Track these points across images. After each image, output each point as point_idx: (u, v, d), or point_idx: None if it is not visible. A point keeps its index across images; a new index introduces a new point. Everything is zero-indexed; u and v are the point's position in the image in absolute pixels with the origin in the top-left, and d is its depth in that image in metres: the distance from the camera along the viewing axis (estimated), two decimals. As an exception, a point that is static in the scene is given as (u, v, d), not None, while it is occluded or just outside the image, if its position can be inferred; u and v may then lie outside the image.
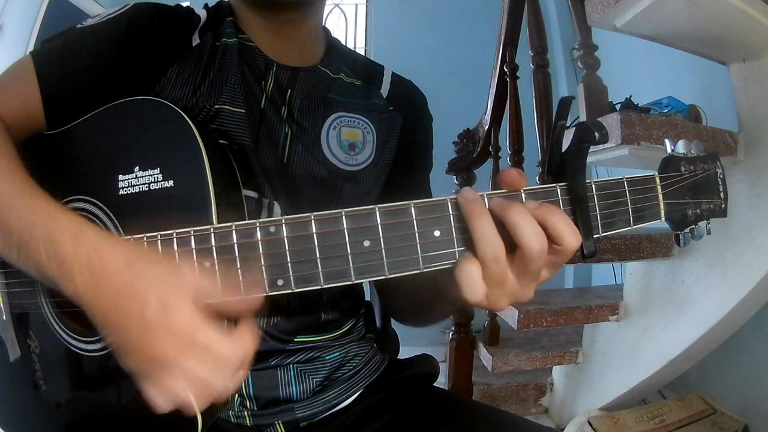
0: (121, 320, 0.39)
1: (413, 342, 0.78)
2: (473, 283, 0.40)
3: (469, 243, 0.41)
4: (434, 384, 0.74)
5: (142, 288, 0.38)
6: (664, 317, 1.40)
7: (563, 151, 0.44)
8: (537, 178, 1.49)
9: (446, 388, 1.65)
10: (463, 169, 1.96)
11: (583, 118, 1.27)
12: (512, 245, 0.40)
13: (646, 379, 1.45)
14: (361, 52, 2.98)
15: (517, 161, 1.66)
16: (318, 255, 0.40)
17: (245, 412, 0.61)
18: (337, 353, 0.67)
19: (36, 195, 0.45)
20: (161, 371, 0.39)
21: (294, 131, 0.64)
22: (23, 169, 0.48)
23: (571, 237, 0.40)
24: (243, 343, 0.40)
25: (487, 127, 1.87)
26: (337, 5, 3.38)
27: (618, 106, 1.32)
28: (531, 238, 0.39)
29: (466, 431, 0.61)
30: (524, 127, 1.69)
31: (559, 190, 0.43)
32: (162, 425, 0.49)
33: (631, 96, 1.39)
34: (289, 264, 0.40)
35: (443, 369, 1.41)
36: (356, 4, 3.42)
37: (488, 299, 0.41)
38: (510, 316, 1.52)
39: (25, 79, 0.56)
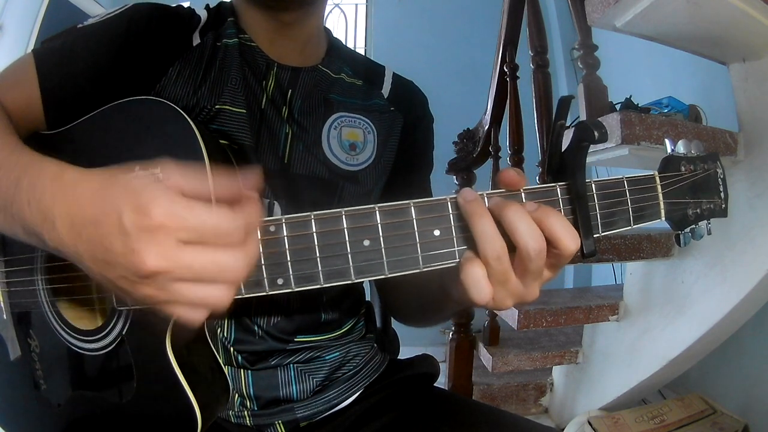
0: (106, 251, 0.35)
1: (413, 342, 0.78)
2: (479, 284, 0.40)
3: (470, 242, 0.41)
4: (434, 384, 0.74)
5: (115, 199, 0.34)
6: (664, 317, 1.40)
7: (563, 150, 0.44)
8: (537, 178, 1.49)
9: (446, 388, 1.65)
10: (463, 169, 1.96)
11: (583, 118, 1.27)
12: (513, 245, 0.40)
13: (646, 379, 1.45)
14: (361, 52, 2.98)
15: (517, 161, 1.66)
16: (318, 254, 0.40)
17: (245, 412, 0.61)
18: (337, 353, 0.67)
19: (23, 150, 0.44)
20: (169, 287, 0.35)
21: (295, 131, 0.64)
22: (10, 128, 0.48)
23: (568, 240, 0.40)
24: (244, 213, 0.36)
25: (487, 127, 1.87)
26: (337, 5, 3.38)
27: (618, 106, 1.32)
28: (527, 237, 0.39)
29: (466, 431, 0.61)
30: (524, 127, 1.69)
31: (558, 189, 0.43)
32: (162, 424, 0.49)
33: (631, 96, 1.39)
34: (289, 263, 0.40)
35: (443, 369, 1.41)
36: (356, 4, 3.42)
37: (494, 299, 0.41)
38: (510, 316, 1.52)
39: (25, 78, 0.56)
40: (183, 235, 0.34)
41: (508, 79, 1.76)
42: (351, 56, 0.74)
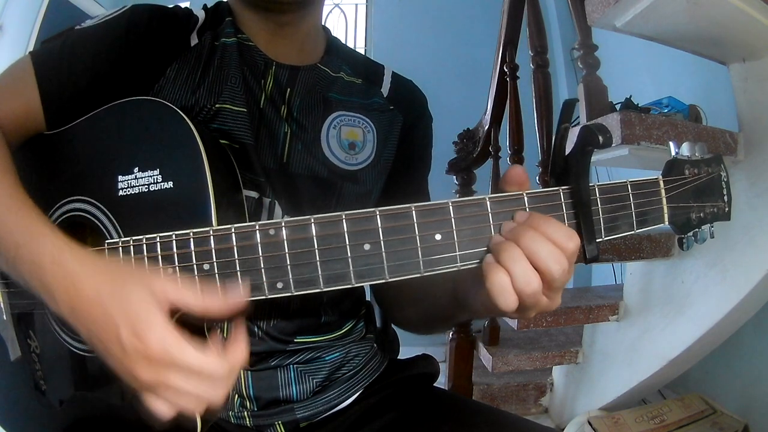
0: (103, 346, 0.40)
1: (413, 342, 0.78)
2: (507, 293, 0.40)
3: (482, 245, 0.41)
4: (434, 384, 0.74)
5: (114, 317, 0.39)
6: (664, 317, 1.40)
7: (566, 154, 0.43)
8: (537, 178, 1.49)
9: (446, 388, 1.65)
10: (463, 169, 1.96)
11: (583, 118, 1.27)
12: None
13: (646, 379, 1.45)
14: (361, 51, 2.98)
15: (517, 161, 1.66)
16: (318, 258, 0.40)
17: (245, 413, 0.61)
18: (338, 353, 0.67)
19: (24, 212, 0.45)
20: (149, 393, 0.40)
21: (294, 130, 0.64)
22: (16, 181, 0.48)
23: (568, 243, 0.40)
24: (229, 355, 0.40)
25: (487, 127, 1.87)
26: (337, 5, 3.37)
27: (618, 106, 1.32)
28: (549, 261, 0.39)
29: (466, 431, 0.61)
30: (524, 127, 1.69)
31: (562, 193, 0.43)
32: (163, 425, 0.49)
33: (631, 96, 1.39)
34: (289, 267, 0.40)
35: (443, 369, 1.41)
36: (356, 4, 3.41)
37: (518, 312, 0.42)
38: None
39: (24, 80, 0.56)
40: (171, 367, 0.38)
41: (508, 79, 1.76)
42: (350, 55, 0.74)
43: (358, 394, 0.67)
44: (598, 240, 0.42)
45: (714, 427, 1.38)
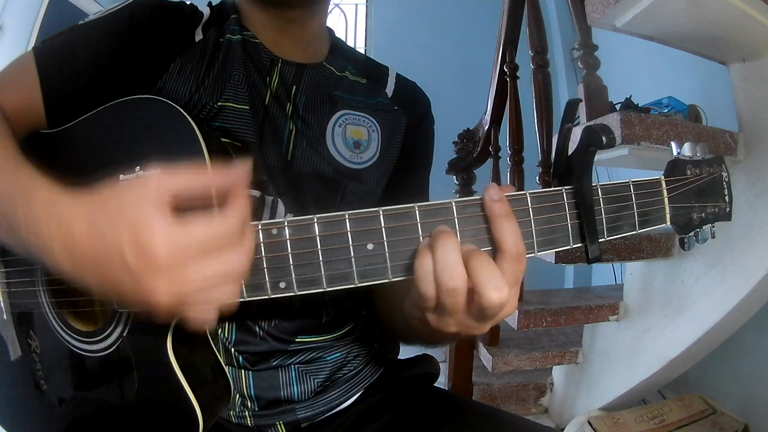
0: (113, 283, 0.36)
1: (414, 342, 0.78)
2: (428, 279, 0.39)
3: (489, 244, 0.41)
4: (434, 384, 0.74)
5: (113, 241, 0.35)
6: (664, 317, 1.40)
7: (569, 154, 0.43)
8: (537, 178, 1.49)
9: (446, 388, 1.65)
10: (463, 169, 1.96)
11: (583, 118, 1.27)
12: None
13: (646, 379, 1.45)
14: (361, 51, 2.98)
15: (517, 161, 1.66)
16: (321, 258, 0.40)
17: (246, 413, 0.61)
18: (339, 354, 0.67)
19: (21, 172, 0.43)
20: (184, 305, 0.36)
21: (299, 128, 0.64)
22: (13, 146, 0.47)
23: (491, 291, 0.38)
24: (235, 211, 0.37)
25: (487, 127, 1.87)
26: (337, 5, 3.37)
27: (618, 106, 1.33)
28: (488, 285, 0.38)
29: (466, 431, 0.61)
30: (524, 127, 1.69)
31: (565, 193, 0.43)
32: (163, 425, 0.49)
33: (631, 96, 1.39)
34: (292, 266, 0.40)
35: (443, 369, 1.41)
36: (356, 4, 3.42)
37: (436, 313, 0.41)
38: (510, 316, 1.52)
39: (26, 76, 0.56)
40: (187, 257, 0.35)
41: (508, 79, 1.76)
42: (354, 55, 0.74)
43: (358, 394, 0.67)
44: (600, 240, 0.42)
45: (714, 427, 1.38)
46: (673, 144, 0.48)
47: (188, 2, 0.64)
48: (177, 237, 0.35)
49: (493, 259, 0.39)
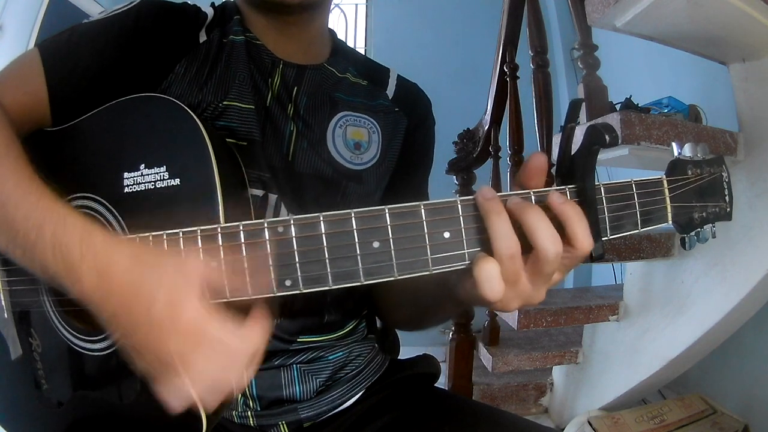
0: (129, 321, 0.39)
1: (414, 342, 0.78)
2: (493, 282, 0.40)
3: (483, 243, 0.41)
4: (435, 384, 0.74)
5: (149, 287, 0.38)
6: (664, 317, 1.41)
7: (572, 153, 0.43)
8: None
9: (446, 388, 1.65)
10: (463, 169, 1.96)
11: (583, 118, 1.27)
12: (527, 246, 0.40)
13: (646, 379, 1.45)
14: (361, 52, 2.98)
15: (517, 161, 1.66)
16: (327, 255, 0.40)
17: (249, 412, 0.61)
18: (340, 353, 0.67)
19: (43, 194, 0.44)
20: (171, 371, 0.38)
21: (300, 129, 0.64)
22: (30, 167, 0.47)
23: (585, 241, 0.40)
24: (253, 335, 0.40)
25: (487, 127, 1.87)
26: (337, 5, 3.37)
27: (618, 106, 1.32)
28: (547, 240, 0.39)
29: (466, 431, 0.61)
30: (524, 127, 1.69)
31: (568, 192, 0.43)
32: (166, 425, 0.49)
33: (631, 96, 1.39)
34: (298, 264, 0.40)
35: (443, 369, 1.41)
36: (356, 4, 3.41)
37: (501, 300, 0.41)
38: (510, 316, 1.52)
39: (31, 73, 0.56)
40: (202, 341, 0.38)
41: (508, 79, 1.76)
42: (356, 57, 0.74)
43: (360, 394, 0.67)
44: (603, 239, 0.43)
45: (714, 427, 1.38)
46: (674, 144, 0.48)
47: (191, 3, 0.65)
48: (203, 314, 0.38)
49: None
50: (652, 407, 1.46)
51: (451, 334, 1.78)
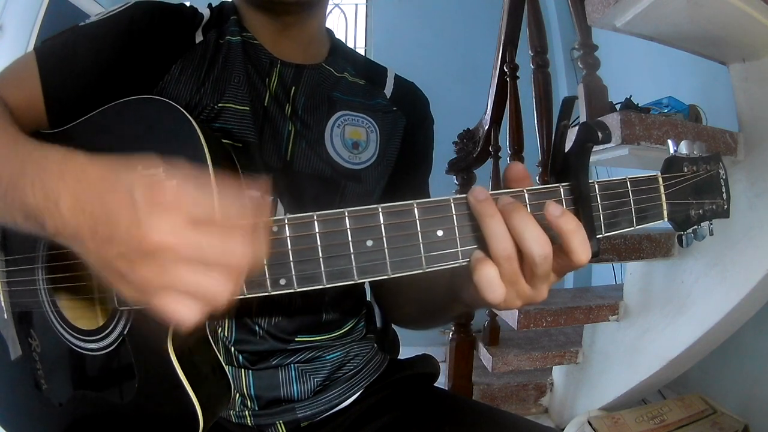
0: (109, 224, 0.34)
1: (413, 342, 0.78)
2: (492, 284, 0.40)
3: (478, 241, 0.41)
4: (434, 384, 0.74)
5: (126, 180, 0.34)
6: (664, 317, 1.40)
7: (566, 151, 0.44)
8: (537, 178, 1.49)
9: (446, 388, 1.65)
10: (463, 169, 1.96)
11: (583, 118, 1.27)
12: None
13: (646, 379, 1.45)
14: (361, 52, 2.98)
15: (517, 161, 1.66)
16: (321, 254, 0.40)
17: (246, 412, 0.61)
18: (338, 353, 0.67)
19: (27, 139, 0.44)
20: (170, 268, 0.33)
21: (298, 129, 0.64)
22: (14, 124, 0.48)
23: (582, 255, 0.40)
24: (253, 200, 0.36)
25: (487, 127, 1.87)
26: (337, 5, 3.37)
27: (618, 106, 1.32)
28: (534, 243, 0.39)
29: (466, 431, 0.61)
30: (524, 127, 1.69)
31: (562, 190, 0.43)
32: (163, 424, 0.49)
33: (631, 96, 1.39)
34: (292, 263, 0.40)
35: (443, 369, 1.41)
36: (356, 4, 3.41)
37: (504, 300, 0.41)
38: (510, 316, 1.52)
39: (27, 76, 0.56)
40: (194, 215, 0.33)
41: (508, 79, 1.76)
42: (353, 57, 0.74)
43: (358, 393, 0.67)
44: (598, 236, 0.43)
45: (714, 427, 1.38)
46: (670, 142, 0.48)
47: (188, 4, 0.65)
48: (191, 189, 0.34)
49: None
50: (652, 407, 1.46)
51: (451, 334, 1.78)
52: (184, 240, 0.33)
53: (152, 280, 0.33)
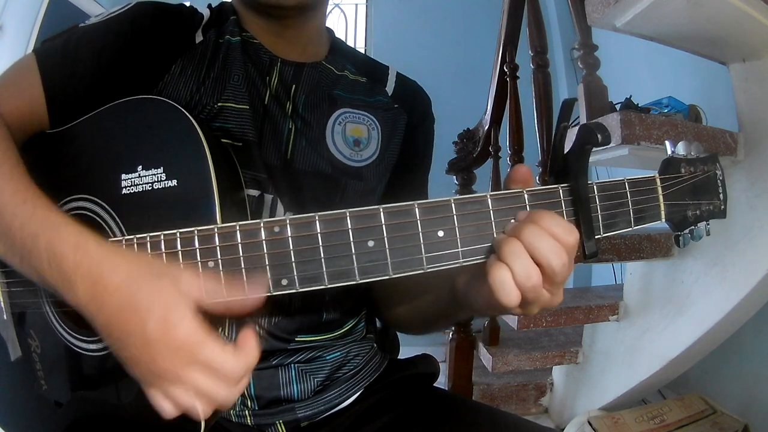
0: (122, 335, 0.39)
1: (413, 342, 0.78)
2: (508, 288, 0.40)
3: (480, 240, 0.42)
4: (434, 384, 0.74)
5: (143, 304, 0.38)
6: (664, 317, 1.40)
7: (565, 152, 0.44)
8: (537, 178, 1.49)
9: (446, 388, 1.65)
10: (463, 169, 1.96)
11: (583, 118, 1.27)
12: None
13: (646, 379, 1.45)
14: (361, 51, 2.98)
15: (517, 161, 1.66)
16: (322, 255, 0.40)
17: (246, 412, 0.61)
18: (338, 353, 0.67)
19: (39, 203, 0.45)
20: (165, 383, 0.39)
21: (298, 127, 0.64)
22: (27, 176, 0.48)
23: (567, 236, 0.40)
24: (245, 355, 0.40)
25: (487, 127, 1.87)
26: (337, 5, 3.37)
27: (618, 106, 1.32)
28: (550, 254, 0.39)
29: (466, 431, 0.61)
30: (524, 127, 1.69)
31: (561, 191, 0.43)
32: (164, 425, 0.49)
33: (631, 96, 1.39)
34: (294, 264, 0.40)
35: (443, 369, 1.41)
36: (356, 4, 3.42)
37: (521, 308, 0.42)
38: (510, 316, 1.52)
39: (28, 78, 0.56)
40: (194, 358, 0.38)
41: (508, 79, 1.76)
42: (354, 55, 0.74)
43: (358, 393, 0.67)
44: (596, 237, 0.43)
45: (714, 427, 1.38)
46: (667, 143, 0.49)
47: (188, 4, 0.65)
48: (197, 336, 0.38)
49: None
50: (652, 407, 1.46)
51: (451, 334, 1.78)
52: (181, 379, 0.39)
53: (157, 385, 0.40)
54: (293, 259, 0.40)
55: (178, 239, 0.42)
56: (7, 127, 0.53)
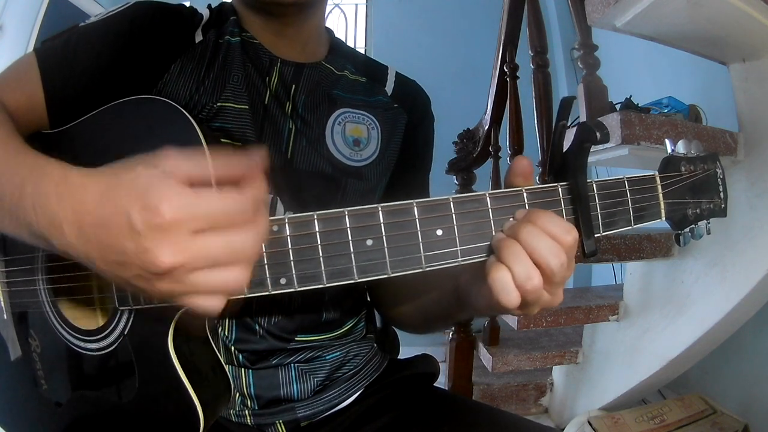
0: (118, 252, 0.34)
1: (413, 342, 0.78)
2: (508, 290, 0.40)
3: (478, 239, 0.42)
4: (434, 384, 0.74)
5: (121, 203, 0.34)
6: (664, 317, 1.40)
7: (564, 151, 0.44)
8: (537, 177, 1.49)
9: (446, 388, 1.65)
10: (463, 169, 1.96)
11: (583, 118, 1.27)
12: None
13: (646, 379, 1.45)
14: (361, 51, 2.98)
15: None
16: (321, 254, 0.40)
17: (246, 412, 0.61)
18: (338, 353, 0.67)
19: (27, 154, 0.43)
20: (187, 277, 0.34)
21: (298, 127, 0.64)
22: (19, 137, 0.47)
23: (564, 236, 0.40)
24: (251, 189, 0.36)
25: (487, 127, 1.87)
26: (337, 5, 3.37)
27: (618, 106, 1.32)
28: (549, 255, 0.39)
29: (466, 431, 0.61)
30: (524, 127, 1.69)
31: (560, 189, 0.43)
32: (164, 424, 0.49)
33: (631, 96, 1.39)
34: (292, 262, 0.40)
35: (443, 369, 1.41)
36: (356, 4, 3.41)
37: (521, 309, 0.42)
38: (510, 316, 1.52)
39: (28, 77, 0.56)
40: (194, 225, 0.33)
41: (508, 79, 1.76)
42: (353, 55, 0.74)
43: (358, 393, 0.67)
44: (596, 235, 0.43)
45: (714, 427, 1.38)
46: (667, 141, 0.48)
47: (188, 4, 0.65)
48: (185, 201, 0.33)
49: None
50: (652, 407, 1.46)
51: (451, 334, 1.78)
52: (193, 254, 0.33)
53: (173, 290, 0.35)
54: (292, 258, 0.40)
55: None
56: (7, 113, 0.53)
